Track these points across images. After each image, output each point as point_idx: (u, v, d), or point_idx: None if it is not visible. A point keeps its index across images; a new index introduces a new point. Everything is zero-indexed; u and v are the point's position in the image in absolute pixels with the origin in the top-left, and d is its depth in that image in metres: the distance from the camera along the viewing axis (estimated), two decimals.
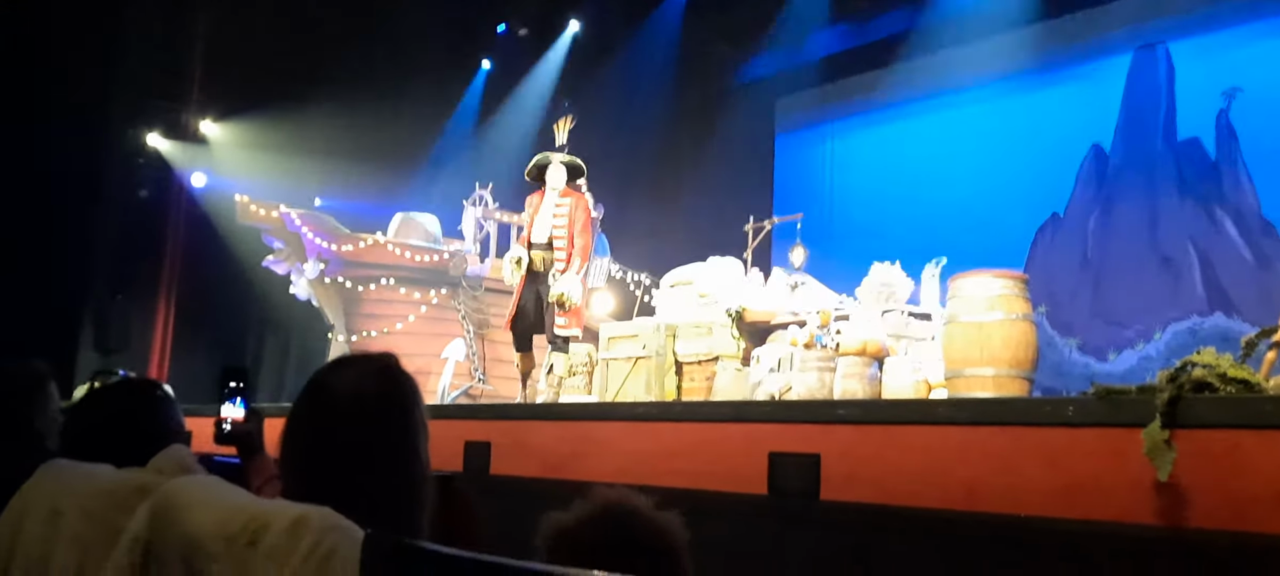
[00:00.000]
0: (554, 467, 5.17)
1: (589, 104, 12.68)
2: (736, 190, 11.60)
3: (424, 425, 1.73)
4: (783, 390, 6.02)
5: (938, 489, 3.63)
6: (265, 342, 12.48)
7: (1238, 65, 9.16)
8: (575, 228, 6.91)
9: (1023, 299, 4.55)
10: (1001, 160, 10.49)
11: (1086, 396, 3.35)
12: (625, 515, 1.72)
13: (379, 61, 11.96)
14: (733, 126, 12.79)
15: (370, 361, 1.76)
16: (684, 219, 11.88)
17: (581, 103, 12.63)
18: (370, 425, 1.66)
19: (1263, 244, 8.81)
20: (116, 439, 2.18)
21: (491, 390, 10.08)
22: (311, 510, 1.50)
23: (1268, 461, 2.87)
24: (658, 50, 12.52)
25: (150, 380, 2.77)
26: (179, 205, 12.06)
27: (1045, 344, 9.50)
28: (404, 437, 1.68)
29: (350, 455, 1.63)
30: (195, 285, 11.92)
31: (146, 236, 11.83)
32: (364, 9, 11.81)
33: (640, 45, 12.60)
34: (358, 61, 11.82)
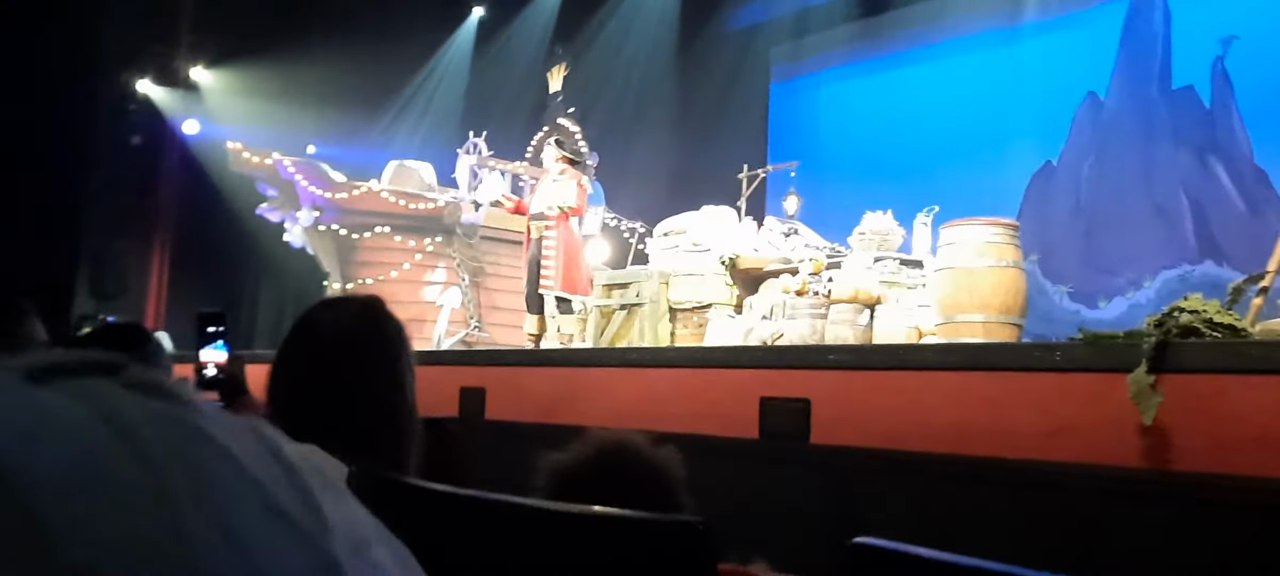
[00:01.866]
0: (548, 412, 5.22)
1: (582, 51, 12.61)
2: (730, 138, 11.57)
3: (410, 364, 1.74)
4: (774, 337, 6.06)
5: (926, 432, 3.68)
6: (261, 290, 12.50)
7: (1234, 13, 9.11)
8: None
9: (1013, 246, 4.57)
10: (996, 107, 10.46)
11: (1074, 342, 3.39)
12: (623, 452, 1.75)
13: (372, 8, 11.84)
14: (727, 74, 12.72)
15: (355, 301, 1.78)
16: (678, 167, 11.86)
17: (575, 50, 12.55)
18: (356, 363, 1.67)
19: (1255, 192, 8.82)
20: None
21: (487, 338, 10.11)
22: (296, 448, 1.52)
23: (1252, 404, 2.92)
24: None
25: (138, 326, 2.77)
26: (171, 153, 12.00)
27: (1036, 291, 9.55)
28: (390, 375, 1.70)
29: (337, 392, 1.65)
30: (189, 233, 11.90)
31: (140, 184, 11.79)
32: None
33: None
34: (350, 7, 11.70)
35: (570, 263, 7.29)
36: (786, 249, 7.12)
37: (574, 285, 7.31)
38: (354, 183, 10.34)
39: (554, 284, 7.26)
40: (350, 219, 10.26)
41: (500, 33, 13.25)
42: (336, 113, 11.74)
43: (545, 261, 7.32)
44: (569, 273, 7.27)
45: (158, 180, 12.00)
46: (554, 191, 7.39)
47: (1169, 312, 3.28)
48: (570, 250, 7.33)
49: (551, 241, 7.28)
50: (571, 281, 7.29)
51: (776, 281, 6.62)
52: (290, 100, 11.58)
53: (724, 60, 12.76)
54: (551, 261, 7.28)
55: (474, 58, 13.35)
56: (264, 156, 10.31)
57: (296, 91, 11.54)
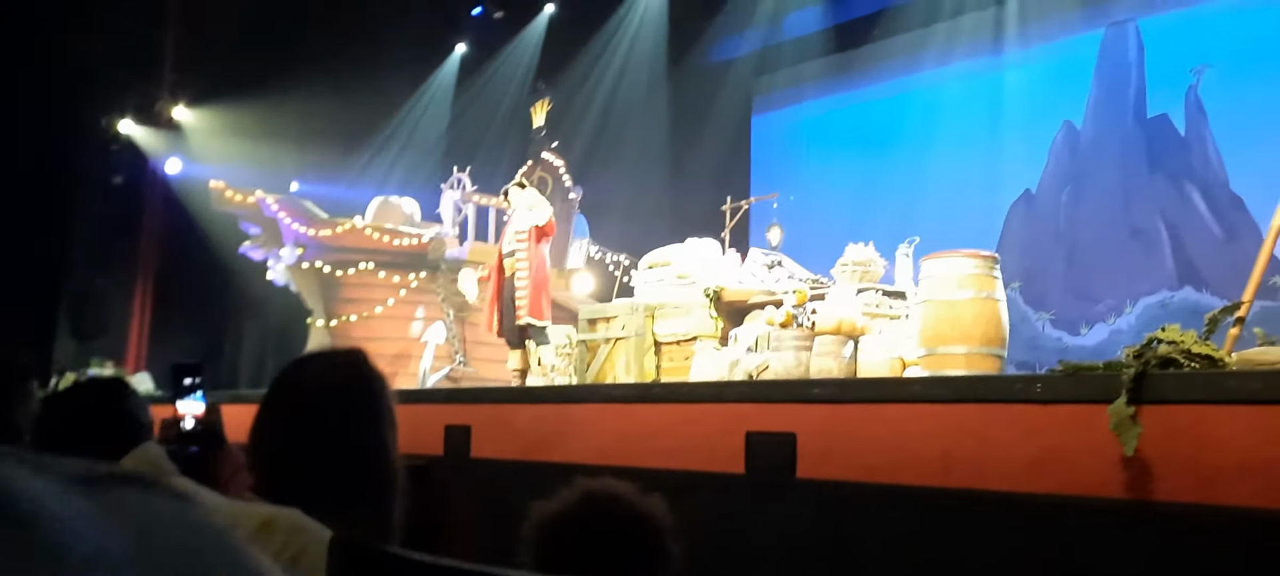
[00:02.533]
0: (534, 450, 5.22)
1: (566, 85, 12.69)
2: (714, 170, 11.64)
3: (392, 418, 1.74)
4: (759, 369, 6.08)
5: (911, 465, 3.70)
6: (244, 329, 12.44)
7: (1206, 42, 9.26)
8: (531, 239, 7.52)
9: (993, 277, 4.62)
10: (975, 137, 10.57)
11: (1055, 373, 3.42)
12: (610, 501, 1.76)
13: (354, 45, 11.88)
14: (709, 106, 12.81)
15: (337, 356, 1.78)
16: (662, 199, 11.92)
17: (558, 84, 12.63)
18: (338, 419, 1.67)
19: (1231, 218, 8.93)
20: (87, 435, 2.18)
21: (473, 373, 10.10)
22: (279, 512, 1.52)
23: (1231, 435, 2.95)
24: (634, 30, 12.51)
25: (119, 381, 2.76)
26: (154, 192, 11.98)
27: (1018, 319, 9.64)
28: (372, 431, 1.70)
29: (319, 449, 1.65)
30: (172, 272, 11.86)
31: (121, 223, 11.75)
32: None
33: (617, 26, 12.59)
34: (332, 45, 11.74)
35: (538, 289, 7.38)
36: (770, 281, 7.15)
37: (539, 310, 7.40)
38: (337, 220, 10.34)
39: (524, 310, 7.33)
40: (334, 256, 10.25)
41: (483, 68, 13.32)
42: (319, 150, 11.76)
43: (518, 294, 7.37)
44: (536, 298, 7.36)
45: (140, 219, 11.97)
46: (526, 217, 7.47)
47: (1147, 343, 3.31)
48: (539, 276, 7.42)
49: (524, 268, 7.37)
50: (537, 307, 7.38)
51: (761, 313, 6.64)
52: (273, 138, 11.59)
53: (706, 92, 12.86)
54: (524, 291, 7.35)
55: (457, 93, 13.41)
56: (247, 195, 10.31)
57: (279, 129, 11.55)
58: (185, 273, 11.67)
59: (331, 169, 11.95)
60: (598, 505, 1.73)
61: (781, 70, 12.53)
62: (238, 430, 2.42)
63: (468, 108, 13.22)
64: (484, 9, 13.11)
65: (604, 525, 1.71)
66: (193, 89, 12.10)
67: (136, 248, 11.86)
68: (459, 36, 13.49)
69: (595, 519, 1.72)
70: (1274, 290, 8.21)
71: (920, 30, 10.95)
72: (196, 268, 11.61)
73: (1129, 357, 3.25)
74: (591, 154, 12.33)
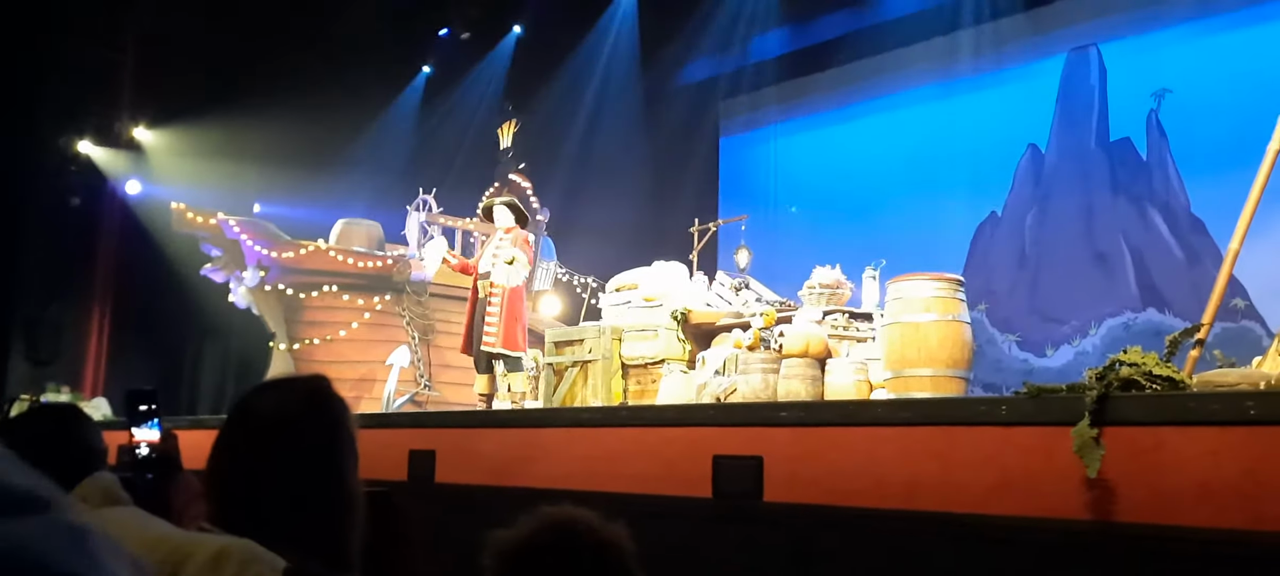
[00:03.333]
0: (500, 475, 5.15)
1: (534, 107, 12.67)
2: (682, 192, 11.66)
3: (353, 446, 1.71)
4: (727, 392, 6.06)
5: (877, 488, 3.68)
6: (204, 353, 12.27)
7: (1166, 67, 9.40)
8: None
9: (958, 300, 4.63)
10: (941, 160, 10.66)
11: (1019, 395, 3.42)
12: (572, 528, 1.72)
13: (318, 66, 11.80)
14: (677, 129, 12.84)
15: (297, 384, 1.75)
16: (630, 221, 11.91)
17: (526, 106, 12.62)
18: (297, 450, 1.64)
19: (1192, 241, 9.05)
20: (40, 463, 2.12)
21: (438, 396, 10.01)
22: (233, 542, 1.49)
23: (1191, 456, 2.96)
24: (602, 53, 12.53)
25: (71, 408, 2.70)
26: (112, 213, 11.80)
27: (985, 341, 9.71)
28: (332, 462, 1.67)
29: (277, 480, 1.62)
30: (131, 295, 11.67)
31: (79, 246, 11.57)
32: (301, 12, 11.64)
33: (584, 48, 12.61)
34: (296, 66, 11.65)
35: (513, 319, 7.31)
36: (738, 303, 7.15)
37: (515, 342, 7.32)
38: (301, 241, 10.23)
39: (496, 342, 7.26)
40: (297, 278, 10.14)
41: (450, 89, 13.28)
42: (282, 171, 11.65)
43: (489, 319, 7.31)
44: (510, 329, 7.28)
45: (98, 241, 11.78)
46: (502, 248, 7.41)
47: (1110, 365, 3.32)
48: (514, 307, 7.34)
49: (496, 299, 7.29)
50: (512, 338, 7.31)
51: (729, 336, 6.63)
52: (235, 159, 11.46)
53: (674, 115, 12.89)
54: (495, 318, 7.28)
55: (423, 114, 13.36)
56: (208, 216, 10.19)
57: (241, 150, 11.43)
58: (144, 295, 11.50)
59: (295, 190, 11.84)
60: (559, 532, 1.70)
61: (749, 93, 12.59)
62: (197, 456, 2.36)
63: (434, 129, 13.17)
64: (450, 30, 13.08)
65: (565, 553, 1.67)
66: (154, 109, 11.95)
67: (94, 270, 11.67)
68: (425, 57, 13.44)
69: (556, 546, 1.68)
70: (1234, 311, 8.32)
71: (887, 54, 11.04)
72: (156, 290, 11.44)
73: (1092, 380, 3.26)
74: (559, 175, 12.31)
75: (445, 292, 10.72)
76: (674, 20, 11.86)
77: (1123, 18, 9.71)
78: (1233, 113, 8.48)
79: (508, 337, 7.28)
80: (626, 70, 12.49)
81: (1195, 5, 9.15)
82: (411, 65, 13.40)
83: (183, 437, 3.50)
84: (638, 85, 12.63)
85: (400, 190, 11.66)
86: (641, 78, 12.62)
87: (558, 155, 12.55)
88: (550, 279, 11.48)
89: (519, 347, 7.35)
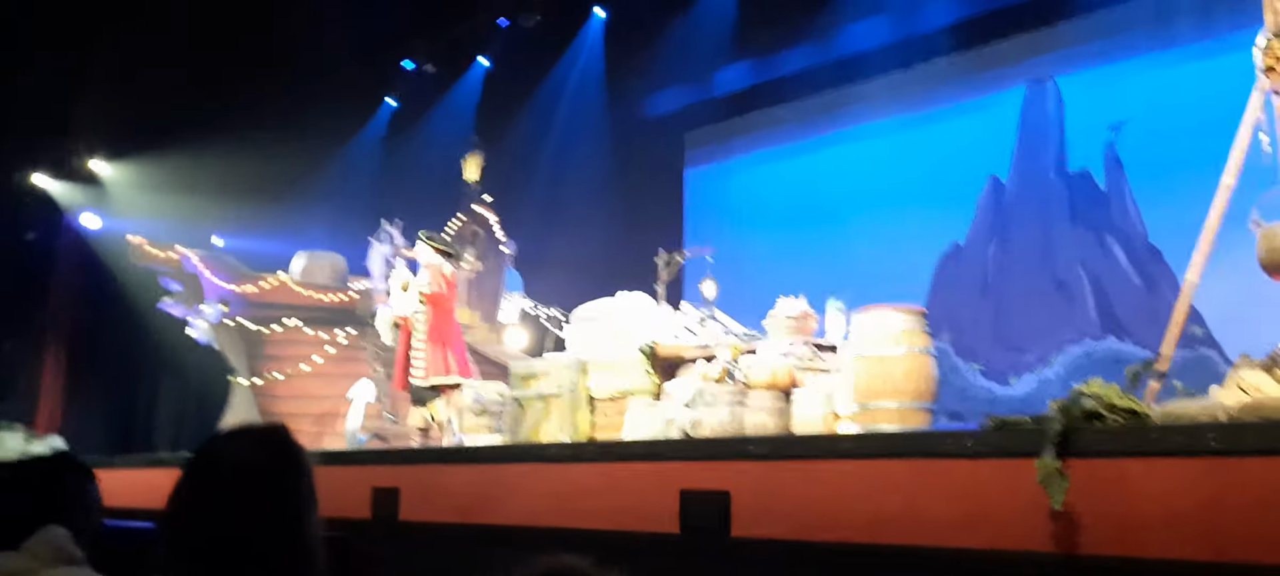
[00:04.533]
0: (465, 512, 5.09)
1: (499, 139, 12.66)
2: (648, 223, 11.67)
3: (313, 497, 1.71)
4: (694, 424, 6.04)
5: (844, 522, 3.67)
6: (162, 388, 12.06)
7: (1123, 99, 9.57)
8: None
9: (922, 332, 4.66)
10: (904, 191, 10.76)
11: (984, 428, 3.44)
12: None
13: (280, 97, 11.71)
14: (643, 160, 12.88)
15: (258, 433, 1.74)
16: (596, 253, 11.90)
17: (492, 138, 12.60)
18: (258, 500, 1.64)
19: (1150, 269, 9.19)
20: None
21: (403, 432, 9.89)
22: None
23: (1154, 487, 2.98)
24: (567, 85, 12.56)
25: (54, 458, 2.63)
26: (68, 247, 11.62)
27: (949, 370, 9.76)
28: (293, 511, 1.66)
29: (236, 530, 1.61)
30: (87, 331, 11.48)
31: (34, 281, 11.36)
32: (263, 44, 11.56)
33: (550, 81, 12.64)
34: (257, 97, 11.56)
35: (437, 347, 7.30)
36: (704, 335, 7.14)
37: (441, 368, 7.33)
38: (262, 274, 10.12)
39: (423, 374, 7.31)
40: (258, 312, 10.02)
41: (414, 121, 13.24)
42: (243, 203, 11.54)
43: (415, 353, 7.35)
44: (434, 358, 7.29)
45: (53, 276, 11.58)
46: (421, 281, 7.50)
47: (1073, 397, 3.35)
48: (440, 336, 7.31)
49: (420, 332, 7.35)
50: (439, 366, 7.32)
51: (695, 368, 6.62)
52: (195, 192, 11.34)
53: (640, 147, 12.93)
54: (421, 351, 7.29)
55: (387, 146, 13.30)
56: (167, 249, 10.06)
57: (202, 183, 11.31)
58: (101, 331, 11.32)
59: (256, 223, 11.72)
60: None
61: (714, 125, 12.66)
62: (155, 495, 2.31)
63: (399, 161, 13.12)
64: (415, 62, 13.06)
65: None
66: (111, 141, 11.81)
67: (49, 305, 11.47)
68: (389, 89, 13.40)
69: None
70: (1192, 339, 8.44)
71: (849, 86, 11.16)
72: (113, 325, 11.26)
73: (1054, 411, 3.28)
74: (524, 207, 12.29)
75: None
76: (639, 53, 11.92)
77: (1080, 51, 9.88)
78: (1188, 144, 8.64)
79: (432, 365, 7.32)
80: (592, 103, 12.53)
81: (1150, 39, 9.34)
82: (376, 97, 13.35)
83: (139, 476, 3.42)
84: (603, 117, 12.67)
85: (364, 222, 11.58)
86: (607, 110, 12.66)
87: (523, 187, 12.54)
88: (516, 311, 11.43)
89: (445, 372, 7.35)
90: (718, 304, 7.63)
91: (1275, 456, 2.79)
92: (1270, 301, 5.03)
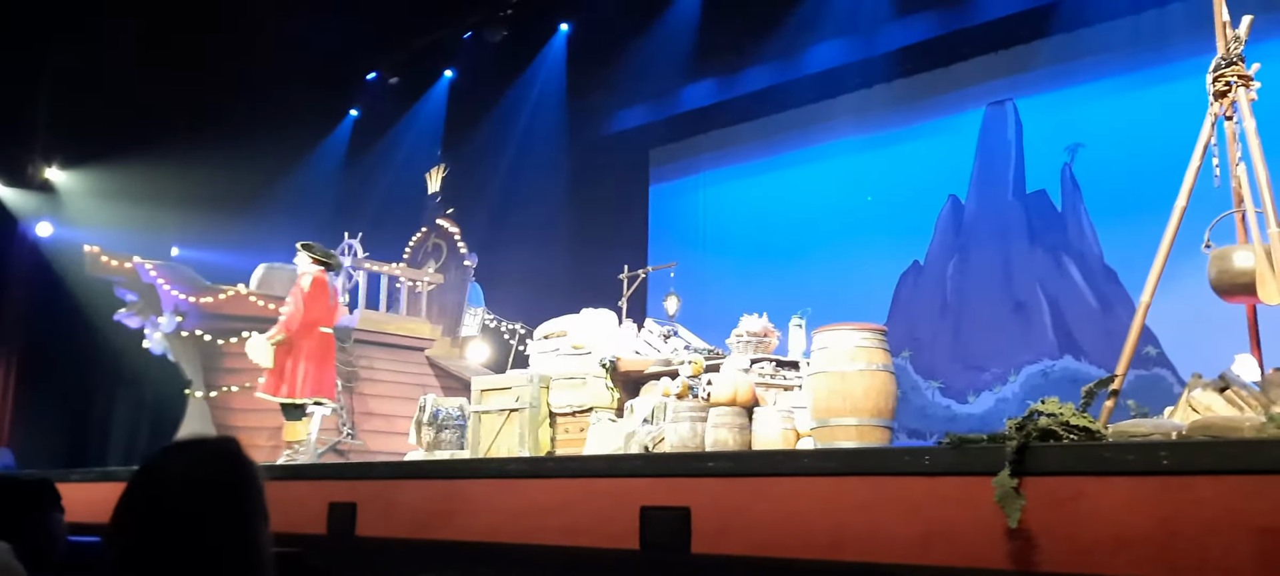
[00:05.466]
0: (423, 528, 5.04)
1: (463, 152, 12.61)
2: (611, 239, 11.67)
3: (263, 512, 1.68)
4: (655, 440, 6.03)
5: (803, 539, 3.68)
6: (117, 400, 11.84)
7: (1080, 122, 9.74)
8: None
9: (882, 350, 4.70)
10: (866, 210, 10.86)
11: (942, 446, 3.46)
12: None
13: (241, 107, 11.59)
14: (607, 175, 12.90)
15: (208, 445, 1.71)
16: (559, 267, 11.88)
17: (456, 151, 12.55)
18: (207, 515, 1.61)
19: (1106, 290, 9.34)
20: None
21: (361, 445, 9.79)
22: None
23: (1108, 505, 3.02)
24: (532, 100, 12.55)
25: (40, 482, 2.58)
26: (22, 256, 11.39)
27: (909, 387, 9.86)
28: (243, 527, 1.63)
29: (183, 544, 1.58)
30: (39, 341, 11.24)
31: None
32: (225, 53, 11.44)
33: (515, 95, 12.62)
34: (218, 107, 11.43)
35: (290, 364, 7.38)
36: (666, 351, 7.15)
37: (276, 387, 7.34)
38: (220, 286, 9.97)
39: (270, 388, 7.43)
40: (216, 324, 9.87)
41: (378, 133, 13.15)
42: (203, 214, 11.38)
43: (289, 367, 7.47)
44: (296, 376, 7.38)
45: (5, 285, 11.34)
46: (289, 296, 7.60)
47: (1029, 415, 3.38)
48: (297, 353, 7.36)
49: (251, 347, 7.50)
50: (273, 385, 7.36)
51: (657, 384, 6.62)
52: (153, 201, 11.17)
53: (604, 162, 12.95)
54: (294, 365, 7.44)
55: (350, 158, 13.20)
56: (124, 260, 9.89)
57: (160, 192, 11.14)
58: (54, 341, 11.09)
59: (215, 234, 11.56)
60: None
61: (678, 142, 12.71)
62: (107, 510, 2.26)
63: (361, 173, 13.02)
64: (378, 74, 12.99)
65: None
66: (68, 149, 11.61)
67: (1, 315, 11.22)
68: (352, 101, 13.31)
69: None
70: (1146, 359, 8.58)
71: (812, 106, 11.25)
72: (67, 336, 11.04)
73: (1012, 430, 3.31)
74: (488, 221, 12.24)
75: (370, 339, 10.54)
76: (604, 69, 11.95)
77: (1038, 74, 10.04)
78: (1143, 167, 8.80)
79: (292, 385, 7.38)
80: (557, 117, 12.53)
81: (1107, 64, 9.51)
82: (338, 108, 13.25)
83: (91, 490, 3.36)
84: (568, 133, 12.67)
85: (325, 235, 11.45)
86: (572, 125, 12.66)
87: (487, 201, 12.50)
88: (478, 325, 11.37)
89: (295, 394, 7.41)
90: (681, 320, 7.64)
91: (1225, 475, 2.84)
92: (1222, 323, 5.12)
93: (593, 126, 12.89)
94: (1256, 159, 4.02)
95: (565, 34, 12.30)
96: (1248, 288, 3.99)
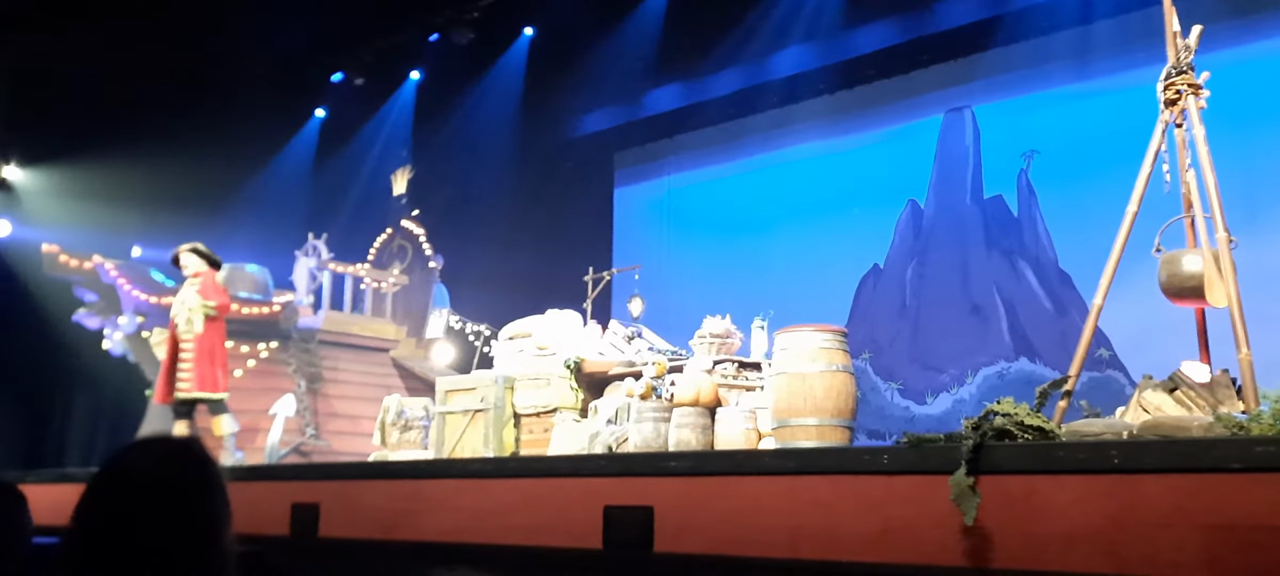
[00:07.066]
0: (387, 528, 5.05)
1: (429, 154, 12.57)
2: (576, 241, 11.70)
3: (226, 511, 1.69)
4: (619, 441, 6.07)
5: (763, 537, 3.74)
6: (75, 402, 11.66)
7: (1035, 129, 9.92)
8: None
9: (842, 351, 4.77)
10: (827, 213, 10.98)
11: (900, 445, 3.53)
12: None
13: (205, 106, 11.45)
14: (572, 178, 12.93)
15: (170, 443, 1.71)
16: (524, 269, 11.88)
17: (421, 152, 12.51)
18: (169, 513, 1.60)
19: (1060, 293, 9.52)
20: None
21: (324, 446, 9.74)
22: None
23: (1061, 503, 3.10)
24: (498, 102, 12.54)
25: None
26: None
27: (869, 389, 9.98)
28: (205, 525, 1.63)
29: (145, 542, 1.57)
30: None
31: None
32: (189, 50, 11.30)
33: (481, 97, 12.60)
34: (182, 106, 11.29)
35: (208, 361, 7.41)
36: (630, 352, 7.18)
37: (214, 384, 7.34)
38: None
39: (191, 386, 7.36)
40: None
41: (344, 134, 13.07)
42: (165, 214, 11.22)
43: (182, 365, 7.38)
44: (206, 372, 7.40)
45: None
46: (191, 296, 7.54)
47: (985, 415, 3.47)
48: (210, 348, 7.39)
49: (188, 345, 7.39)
50: (209, 381, 7.40)
51: (622, 385, 6.65)
52: (114, 200, 11.02)
53: (569, 165, 12.98)
54: (188, 363, 7.35)
55: (315, 159, 13.10)
56: (83, 259, 9.77)
57: (122, 191, 10.99)
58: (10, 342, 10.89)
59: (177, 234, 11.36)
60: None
61: (644, 144, 12.77)
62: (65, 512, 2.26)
63: (327, 174, 12.93)
64: (344, 75, 12.91)
65: None
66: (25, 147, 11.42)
67: None
68: (318, 101, 13.22)
69: None
70: (1099, 361, 8.76)
71: (774, 111, 11.36)
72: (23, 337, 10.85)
73: (968, 429, 3.39)
74: (453, 222, 12.22)
75: (335, 340, 10.49)
76: (569, 72, 11.97)
77: (995, 82, 10.22)
78: (1096, 173, 8.98)
79: (203, 380, 7.35)
80: (522, 119, 12.52)
81: (1062, 73, 9.69)
82: (304, 109, 13.15)
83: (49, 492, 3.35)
84: (534, 135, 12.68)
85: (290, 235, 11.38)
86: (537, 128, 12.67)
87: (453, 202, 12.47)
88: (442, 326, 11.35)
89: (218, 389, 7.43)
90: (644, 321, 7.68)
91: (1174, 473, 2.93)
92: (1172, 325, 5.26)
93: (558, 129, 12.91)
94: (1205, 165, 4.14)
95: (529, 37, 12.31)
96: (1196, 291, 4.10)
